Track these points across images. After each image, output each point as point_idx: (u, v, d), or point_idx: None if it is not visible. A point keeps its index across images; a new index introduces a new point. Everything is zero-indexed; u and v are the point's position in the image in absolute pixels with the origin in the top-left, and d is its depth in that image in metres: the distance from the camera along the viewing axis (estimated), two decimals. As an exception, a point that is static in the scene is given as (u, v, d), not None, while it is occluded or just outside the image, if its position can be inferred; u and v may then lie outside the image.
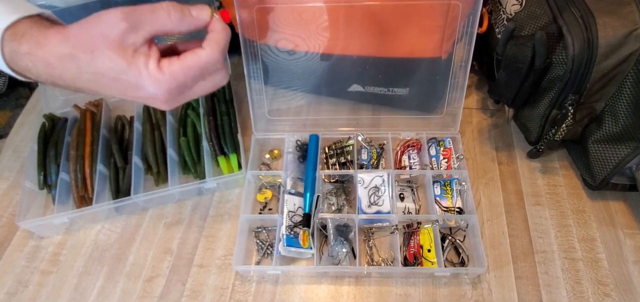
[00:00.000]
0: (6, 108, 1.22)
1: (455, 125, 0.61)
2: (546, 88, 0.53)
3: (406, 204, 0.57)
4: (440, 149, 0.61)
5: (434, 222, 0.53)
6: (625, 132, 0.51)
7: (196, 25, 0.37)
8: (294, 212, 0.54)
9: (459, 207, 0.56)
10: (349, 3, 0.52)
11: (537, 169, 0.60)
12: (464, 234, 0.54)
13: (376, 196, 0.55)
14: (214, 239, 0.56)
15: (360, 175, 0.57)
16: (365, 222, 0.54)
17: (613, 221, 0.55)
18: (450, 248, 0.53)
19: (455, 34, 0.54)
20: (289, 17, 0.54)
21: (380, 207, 0.55)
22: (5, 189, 0.63)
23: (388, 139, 0.61)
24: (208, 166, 0.59)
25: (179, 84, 0.37)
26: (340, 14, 0.53)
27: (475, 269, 0.50)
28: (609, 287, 0.50)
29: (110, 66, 0.35)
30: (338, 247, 0.51)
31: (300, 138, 0.62)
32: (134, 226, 0.58)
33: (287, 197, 0.55)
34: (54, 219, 0.55)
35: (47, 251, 0.56)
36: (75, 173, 0.59)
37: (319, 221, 0.53)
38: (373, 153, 0.61)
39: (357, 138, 0.62)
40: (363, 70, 0.60)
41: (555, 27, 0.49)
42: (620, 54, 0.47)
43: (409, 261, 0.51)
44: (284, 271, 0.51)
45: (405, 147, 0.61)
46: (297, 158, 0.60)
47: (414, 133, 0.62)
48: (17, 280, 0.54)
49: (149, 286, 0.52)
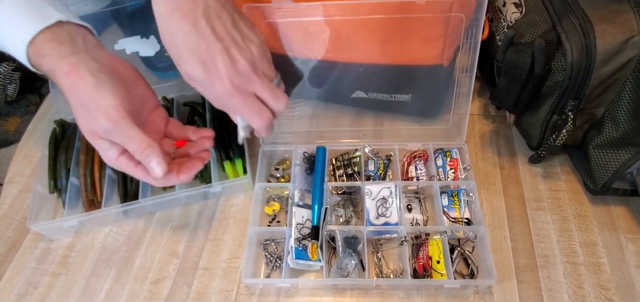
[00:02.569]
0: (16, 115, 1.24)
1: (461, 136, 0.61)
2: (546, 94, 0.53)
3: (414, 215, 0.57)
4: (446, 159, 0.61)
5: (443, 233, 0.53)
6: (626, 138, 0.51)
7: (147, 179, 0.44)
8: (302, 225, 0.54)
9: (467, 218, 0.56)
10: (354, 17, 0.53)
11: (538, 174, 0.61)
12: (472, 245, 0.54)
13: (384, 207, 0.56)
14: (220, 242, 0.57)
15: (367, 186, 0.57)
16: (374, 233, 0.54)
17: (615, 225, 0.55)
18: (459, 259, 0.53)
19: (457, 42, 0.55)
20: (296, 30, 0.55)
21: (388, 218, 0.55)
22: (16, 193, 0.64)
23: (395, 150, 0.61)
24: (214, 170, 0.60)
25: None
26: (345, 25, 0.54)
27: (485, 281, 0.50)
28: (610, 291, 0.50)
29: (90, 128, 0.41)
30: (347, 259, 0.51)
31: (307, 150, 0.62)
32: (141, 229, 0.59)
33: (295, 209, 0.56)
34: (63, 222, 0.57)
35: (56, 253, 0.57)
36: (84, 177, 0.60)
37: (328, 233, 0.54)
38: (380, 164, 0.62)
39: (364, 149, 0.62)
40: (366, 77, 0.61)
41: (554, 35, 0.50)
42: (619, 60, 0.47)
43: (419, 272, 0.51)
44: (293, 283, 0.51)
45: (411, 158, 0.62)
46: (304, 170, 0.61)
47: (420, 144, 0.62)
48: (27, 281, 0.55)
49: (156, 288, 0.53)
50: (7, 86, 1.13)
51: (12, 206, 0.63)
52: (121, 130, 0.39)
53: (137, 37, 0.64)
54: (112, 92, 0.39)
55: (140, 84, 0.46)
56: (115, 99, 0.39)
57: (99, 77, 0.39)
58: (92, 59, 0.40)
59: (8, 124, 1.16)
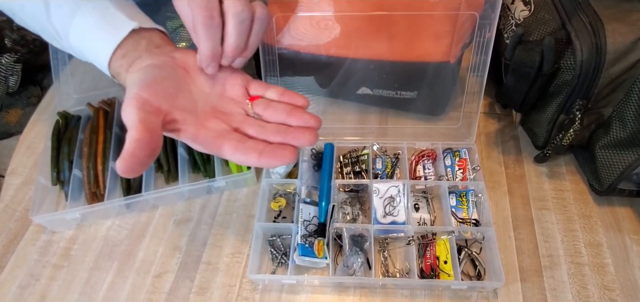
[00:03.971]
0: (18, 106, 1.24)
1: (471, 136, 0.61)
2: (554, 93, 0.53)
3: (421, 215, 0.56)
4: (455, 159, 0.60)
5: (450, 233, 0.53)
6: (633, 138, 0.51)
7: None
8: (309, 222, 0.54)
9: (475, 219, 0.55)
10: (364, 13, 0.53)
11: (544, 174, 0.60)
12: (480, 246, 0.54)
13: (391, 206, 0.55)
14: (223, 237, 0.57)
15: (375, 185, 0.57)
16: (381, 232, 0.54)
17: (620, 226, 0.55)
18: (467, 260, 0.53)
19: (465, 39, 0.55)
20: (308, 25, 0.55)
21: (395, 217, 0.55)
22: (19, 185, 0.64)
23: (403, 148, 0.61)
24: (217, 165, 0.60)
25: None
26: (354, 21, 0.54)
27: (492, 283, 0.50)
28: (614, 292, 0.50)
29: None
30: (353, 257, 0.50)
31: (314, 146, 0.62)
32: (144, 223, 0.59)
33: (302, 206, 0.55)
34: (66, 214, 0.57)
35: (59, 245, 0.57)
36: (87, 170, 0.60)
37: (334, 230, 0.53)
38: (388, 163, 0.61)
39: (372, 147, 0.62)
40: (373, 73, 0.60)
41: (564, 33, 0.50)
42: (629, 60, 0.47)
43: (426, 272, 0.51)
44: (299, 280, 0.51)
45: (419, 157, 0.61)
46: (312, 166, 0.60)
47: (429, 143, 0.62)
48: (29, 273, 0.55)
49: (158, 281, 0.53)
50: (9, 78, 1.13)
51: (14, 198, 0.63)
52: (128, 117, 0.35)
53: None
54: (137, 82, 0.36)
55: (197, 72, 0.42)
56: (135, 88, 0.36)
57: (136, 74, 0.38)
58: (148, 57, 0.39)
59: (10, 116, 1.15)
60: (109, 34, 0.39)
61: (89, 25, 0.40)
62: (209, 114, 0.40)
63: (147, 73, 0.37)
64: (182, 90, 0.39)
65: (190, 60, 0.41)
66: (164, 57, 0.40)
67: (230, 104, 0.41)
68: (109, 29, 0.39)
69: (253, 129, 0.39)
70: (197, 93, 0.40)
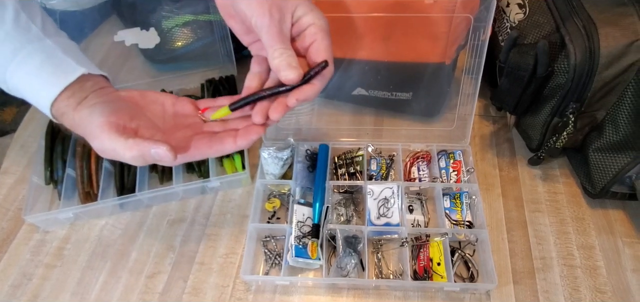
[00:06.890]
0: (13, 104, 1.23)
1: (465, 138, 0.61)
2: (548, 96, 0.53)
3: (415, 217, 0.56)
4: (450, 161, 0.61)
5: (444, 235, 0.53)
6: (626, 142, 0.51)
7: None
8: (303, 223, 0.54)
9: (469, 221, 0.55)
10: (360, 14, 0.53)
11: (537, 176, 0.61)
12: (473, 248, 0.54)
13: (385, 207, 0.55)
14: (216, 237, 0.56)
15: (369, 186, 0.57)
16: (374, 234, 0.54)
17: (612, 229, 0.55)
18: (460, 262, 0.53)
19: (460, 40, 0.55)
20: None
21: (389, 219, 0.55)
22: (12, 184, 0.64)
23: (398, 150, 0.61)
24: (212, 165, 0.60)
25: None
26: (349, 22, 0.54)
27: (485, 285, 0.50)
28: (606, 295, 0.50)
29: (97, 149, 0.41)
30: (347, 258, 0.50)
31: (309, 147, 0.62)
32: (137, 223, 0.58)
33: (296, 207, 0.55)
34: (59, 214, 0.56)
35: (51, 245, 0.57)
36: (81, 169, 0.59)
37: (328, 231, 0.53)
38: (382, 164, 0.61)
39: (367, 149, 0.62)
40: (368, 74, 0.60)
41: (558, 36, 0.50)
42: (621, 64, 0.47)
43: (419, 274, 0.51)
44: (292, 281, 0.51)
45: (414, 159, 0.61)
46: (306, 167, 0.60)
47: (424, 145, 0.62)
48: (21, 273, 0.54)
49: (151, 282, 0.53)
50: (4, 75, 1.12)
51: (7, 197, 0.62)
52: (107, 142, 0.39)
53: (137, 28, 0.63)
54: (100, 112, 0.39)
55: (149, 96, 0.45)
56: (102, 117, 0.39)
57: (92, 107, 0.40)
58: (95, 97, 0.41)
59: (5, 114, 1.14)
60: (56, 77, 0.40)
61: (34, 67, 0.40)
62: (172, 128, 0.44)
63: (105, 105, 0.40)
64: (140, 117, 0.42)
65: (135, 95, 0.44)
66: (111, 95, 0.42)
67: (187, 118, 0.46)
68: (57, 73, 0.40)
69: (217, 126, 0.44)
70: (153, 117, 0.44)
